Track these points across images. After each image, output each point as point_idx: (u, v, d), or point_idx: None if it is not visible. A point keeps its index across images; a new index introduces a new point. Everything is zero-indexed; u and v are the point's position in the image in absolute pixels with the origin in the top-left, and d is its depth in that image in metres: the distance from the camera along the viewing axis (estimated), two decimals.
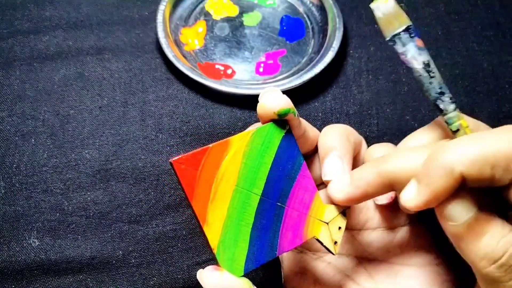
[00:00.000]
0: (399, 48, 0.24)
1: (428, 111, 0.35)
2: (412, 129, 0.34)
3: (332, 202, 0.27)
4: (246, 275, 0.24)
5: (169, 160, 0.22)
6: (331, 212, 0.25)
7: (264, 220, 0.24)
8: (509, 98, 0.35)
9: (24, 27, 0.36)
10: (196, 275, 0.30)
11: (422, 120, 0.34)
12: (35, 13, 0.37)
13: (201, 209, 0.23)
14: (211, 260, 0.31)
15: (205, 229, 0.23)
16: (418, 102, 0.35)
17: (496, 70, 0.36)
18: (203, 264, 0.31)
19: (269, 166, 0.24)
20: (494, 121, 0.34)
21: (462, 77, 0.36)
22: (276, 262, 0.29)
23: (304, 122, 0.27)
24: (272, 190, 0.24)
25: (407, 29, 0.24)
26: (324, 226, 0.25)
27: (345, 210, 0.25)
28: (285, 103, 0.24)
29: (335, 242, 0.25)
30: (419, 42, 0.24)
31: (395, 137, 0.34)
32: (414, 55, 0.24)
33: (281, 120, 0.24)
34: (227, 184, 0.23)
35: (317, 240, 0.25)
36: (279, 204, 0.24)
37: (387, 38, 0.24)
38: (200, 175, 0.23)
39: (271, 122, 0.24)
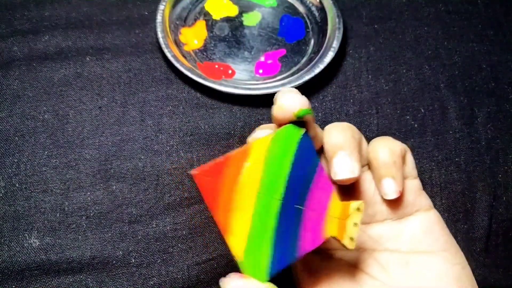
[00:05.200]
0: None
1: (428, 110, 0.35)
2: (412, 129, 0.34)
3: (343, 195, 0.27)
4: (271, 279, 0.23)
5: (190, 172, 0.22)
6: (347, 209, 0.25)
7: (285, 224, 0.24)
8: (508, 98, 0.35)
9: (24, 27, 0.36)
10: (195, 275, 0.31)
11: (422, 120, 0.34)
12: (34, 13, 0.37)
13: (224, 219, 0.22)
14: (211, 260, 0.31)
15: (229, 239, 0.22)
16: (418, 102, 0.35)
17: (496, 70, 0.36)
18: (202, 264, 0.31)
19: (288, 170, 0.24)
20: (493, 121, 0.34)
21: (462, 77, 0.36)
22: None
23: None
24: (292, 193, 0.24)
25: None
26: (341, 223, 0.25)
27: (359, 205, 0.25)
28: (304, 103, 0.23)
29: (351, 238, 0.25)
30: None
31: (395, 137, 0.34)
32: None
33: (298, 122, 0.24)
34: (249, 192, 0.23)
35: (335, 238, 0.25)
36: (298, 206, 0.24)
37: None
38: (222, 186, 0.22)
39: (289, 125, 0.24)
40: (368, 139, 0.33)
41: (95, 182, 0.31)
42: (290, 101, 0.23)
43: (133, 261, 0.30)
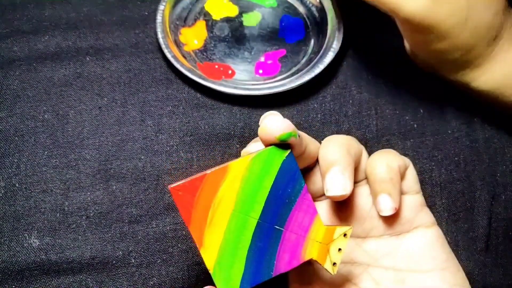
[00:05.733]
0: None
1: (428, 111, 0.35)
2: (412, 129, 0.34)
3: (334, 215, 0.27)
4: None
5: (168, 187, 0.23)
6: (332, 234, 0.26)
7: (261, 242, 0.24)
8: None
9: (24, 27, 0.36)
10: (195, 275, 0.31)
11: (422, 120, 0.34)
12: (34, 13, 0.37)
13: (198, 233, 0.24)
14: None
15: (201, 251, 0.24)
16: (418, 102, 0.35)
17: None
18: (202, 264, 0.31)
19: (268, 191, 0.24)
20: (492, 121, 0.35)
21: None
22: (283, 274, 0.29)
23: (305, 137, 0.26)
24: (270, 214, 0.24)
25: None
26: (323, 247, 0.25)
27: (347, 231, 0.26)
28: (286, 127, 0.24)
29: (334, 263, 0.26)
30: None
31: (395, 137, 0.34)
32: None
33: (282, 144, 0.24)
34: (224, 209, 0.24)
35: (315, 261, 0.25)
36: (277, 227, 0.25)
37: None
38: (198, 201, 0.23)
39: (272, 146, 0.24)
40: (368, 140, 0.34)
41: (95, 182, 0.31)
42: (272, 125, 0.24)
43: (133, 261, 0.30)
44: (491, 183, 0.33)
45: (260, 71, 0.36)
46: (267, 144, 0.25)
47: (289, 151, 0.25)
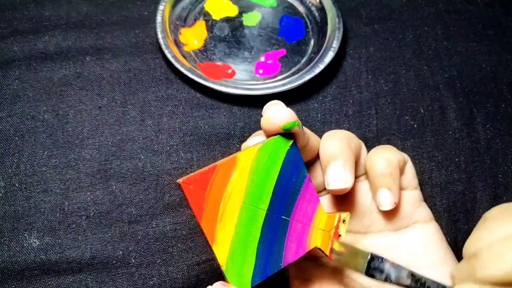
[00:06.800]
0: (381, 276, 0.25)
1: (427, 111, 0.35)
2: (412, 129, 0.34)
3: (335, 205, 0.27)
4: None
5: (177, 181, 0.22)
6: (332, 221, 0.26)
7: (270, 234, 0.24)
8: (507, 99, 0.35)
9: (24, 26, 0.36)
10: (195, 275, 0.31)
11: (422, 120, 0.34)
12: (34, 12, 0.37)
13: (210, 228, 0.23)
14: (211, 260, 0.31)
15: (214, 248, 0.23)
16: (417, 102, 0.35)
17: (495, 70, 0.36)
18: (202, 264, 0.31)
19: (275, 181, 0.24)
20: (492, 122, 0.35)
21: (461, 78, 0.36)
22: (282, 270, 0.29)
23: (306, 130, 0.27)
24: (278, 204, 0.24)
25: (372, 258, 0.25)
26: (326, 235, 0.25)
27: (345, 218, 0.26)
28: (290, 116, 0.24)
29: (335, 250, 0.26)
30: (387, 261, 0.25)
31: (395, 137, 0.34)
32: (396, 274, 0.25)
33: (286, 133, 0.24)
34: (235, 202, 0.23)
35: (319, 249, 0.25)
36: (284, 217, 0.25)
37: (365, 275, 0.25)
38: (209, 195, 0.23)
39: (277, 136, 0.24)
40: (368, 140, 0.34)
41: (95, 182, 0.31)
42: (276, 115, 0.24)
43: (133, 261, 0.30)
44: (492, 184, 0.33)
45: (260, 71, 0.36)
46: (270, 135, 0.24)
47: (292, 140, 0.24)
